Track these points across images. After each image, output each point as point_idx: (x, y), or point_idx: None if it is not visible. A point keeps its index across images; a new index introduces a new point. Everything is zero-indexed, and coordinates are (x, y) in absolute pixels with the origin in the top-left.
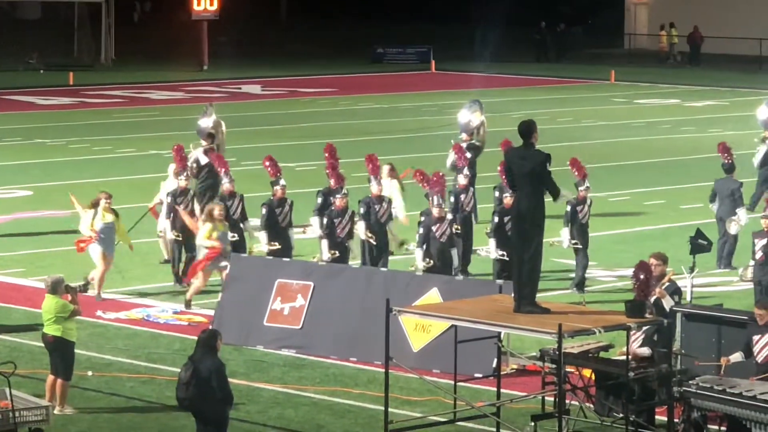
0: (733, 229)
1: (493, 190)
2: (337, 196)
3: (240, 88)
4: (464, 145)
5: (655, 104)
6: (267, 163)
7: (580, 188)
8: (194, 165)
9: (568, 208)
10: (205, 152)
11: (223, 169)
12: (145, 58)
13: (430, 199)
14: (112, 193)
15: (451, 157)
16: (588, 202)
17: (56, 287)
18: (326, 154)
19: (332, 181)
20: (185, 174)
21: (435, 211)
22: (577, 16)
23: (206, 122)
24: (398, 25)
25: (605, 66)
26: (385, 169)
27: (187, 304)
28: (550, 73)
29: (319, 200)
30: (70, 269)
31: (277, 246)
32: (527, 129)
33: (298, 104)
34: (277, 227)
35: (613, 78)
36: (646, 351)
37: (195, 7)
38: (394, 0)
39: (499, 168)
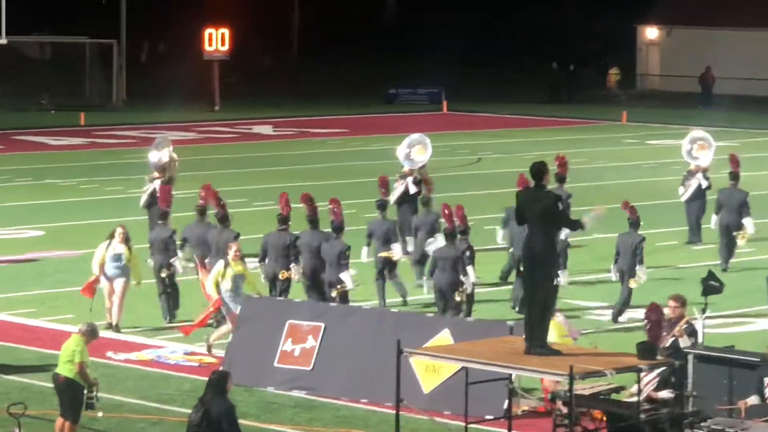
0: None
1: None
2: None
3: (251, 129)
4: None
5: (667, 145)
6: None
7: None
8: (149, 198)
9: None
10: (163, 185)
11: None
12: (157, 98)
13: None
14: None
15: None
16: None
17: (91, 334)
18: None
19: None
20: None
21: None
22: (588, 57)
23: (157, 155)
24: (411, 66)
25: (617, 107)
26: None
27: (209, 349)
28: (561, 113)
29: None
30: (81, 310)
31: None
32: (539, 170)
33: (309, 145)
34: None
35: (625, 119)
36: (666, 394)
37: (206, 47)
38: (408, 40)
39: None
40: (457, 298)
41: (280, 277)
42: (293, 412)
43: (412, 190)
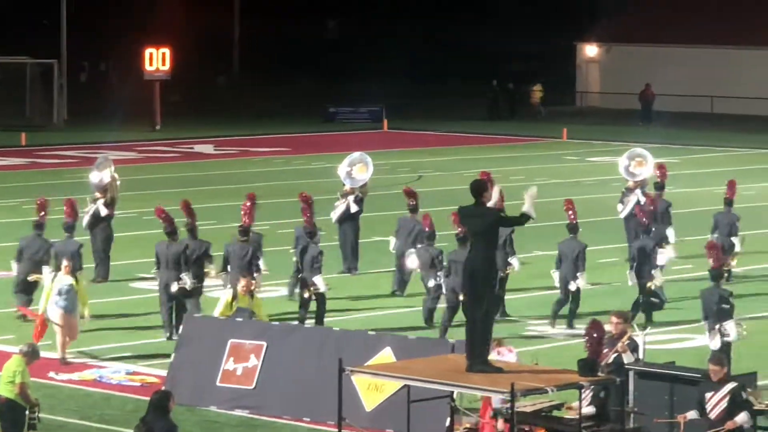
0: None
1: None
2: None
3: (192, 148)
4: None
5: (607, 162)
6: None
7: None
8: (91, 218)
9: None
10: (106, 205)
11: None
12: (98, 118)
13: None
14: None
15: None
16: None
17: (32, 355)
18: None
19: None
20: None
21: None
22: (528, 74)
23: (99, 176)
24: (350, 85)
25: (557, 124)
26: None
27: None
28: (502, 131)
29: None
30: (21, 331)
31: None
32: (478, 188)
33: (251, 164)
34: None
35: (565, 136)
36: (591, 410)
37: (147, 66)
38: (347, 60)
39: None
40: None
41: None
42: (235, 431)
43: (354, 208)
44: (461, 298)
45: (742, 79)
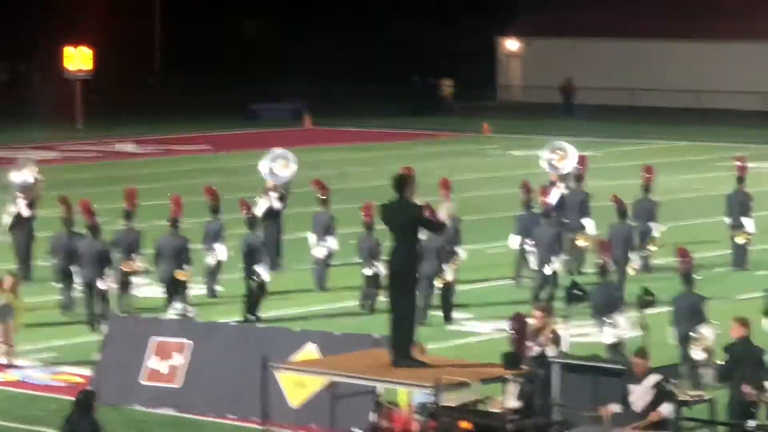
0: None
1: None
2: None
3: (114, 147)
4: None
5: (529, 155)
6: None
7: None
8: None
9: None
10: (28, 206)
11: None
12: (19, 118)
13: None
14: None
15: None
16: None
17: None
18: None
19: None
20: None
21: None
22: (449, 69)
23: (21, 176)
24: (271, 82)
25: (479, 118)
26: None
27: None
28: (423, 126)
29: None
30: None
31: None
32: (400, 183)
33: (173, 162)
34: None
35: (487, 130)
36: (515, 403)
37: (68, 66)
38: (268, 56)
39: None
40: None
41: (177, 277)
42: (161, 430)
43: (277, 205)
44: (437, 284)
45: (661, 71)
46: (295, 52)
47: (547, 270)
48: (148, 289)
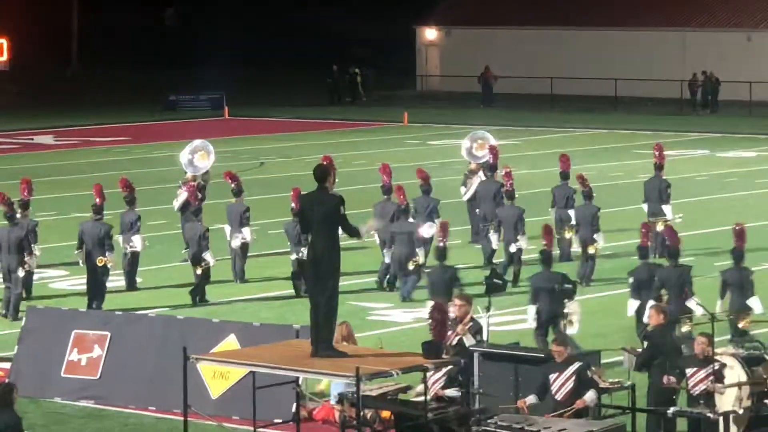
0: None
1: None
2: None
3: (32, 139)
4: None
5: (449, 145)
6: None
7: None
8: None
9: None
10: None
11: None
12: None
13: None
14: None
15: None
16: None
17: None
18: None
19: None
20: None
21: None
22: (369, 59)
23: None
24: (190, 72)
25: (398, 108)
26: None
27: None
28: (343, 116)
29: None
30: None
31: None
32: (322, 173)
33: (92, 153)
34: None
35: (407, 120)
36: (453, 392)
37: None
38: (188, 47)
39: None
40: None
41: (98, 263)
42: (81, 422)
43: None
44: (410, 266)
45: (579, 60)
46: (216, 41)
47: (512, 248)
48: (65, 282)
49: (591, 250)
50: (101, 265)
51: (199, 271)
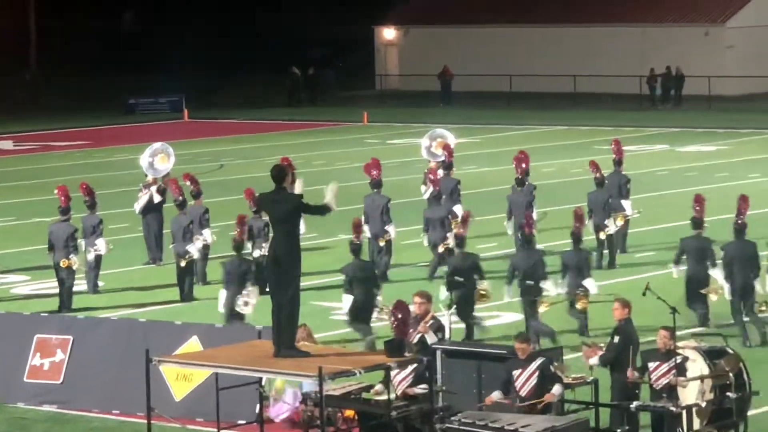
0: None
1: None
2: None
3: None
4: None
5: (409, 144)
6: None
7: None
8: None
9: None
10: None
11: None
12: None
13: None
14: None
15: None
16: None
17: None
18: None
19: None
20: None
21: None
22: (327, 59)
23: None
24: (149, 76)
25: (358, 108)
26: None
27: None
28: (302, 117)
29: None
30: None
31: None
32: (279, 173)
33: (52, 158)
34: None
35: (366, 119)
36: (421, 390)
37: None
38: (147, 50)
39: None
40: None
41: (62, 264)
42: (45, 427)
43: (157, 199)
44: (440, 249)
45: (537, 57)
46: (174, 44)
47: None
48: (27, 287)
49: (602, 236)
50: (65, 267)
51: (183, 264)
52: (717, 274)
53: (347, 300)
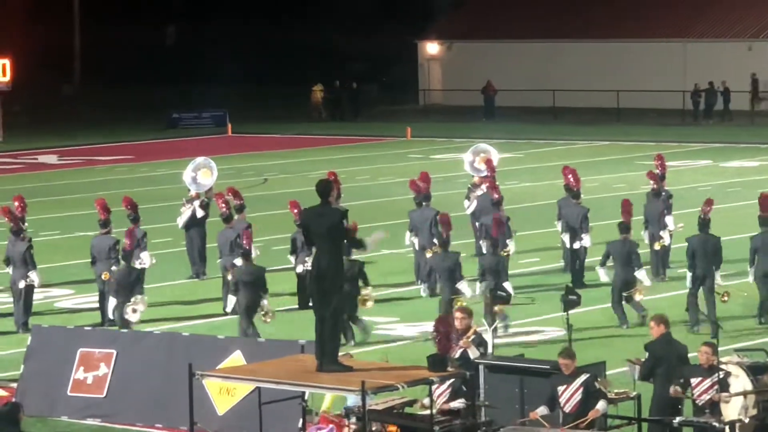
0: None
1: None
2: None
3: (36, 159)
4: None
5: (452, 159)
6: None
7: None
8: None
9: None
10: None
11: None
12: None
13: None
14: None
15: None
16: None
17: None
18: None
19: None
20: None
21: None
22: (370, 74)
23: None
24: (193, 89)
25: (401, 123)
26: None
27: None
28: (346, 132)
29: None
30: None
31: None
32: (324, 188)
33: (95, 172)
34: None
35: (410, 134)
36: (458, 404)
37: None
38: (190, 64)
39: None
40: None
41: (103, 277)
42: None
43: (200, 213)
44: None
45: (582, 72)
46: (218, 58)
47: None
48: (70, 301)
49: (656, 246)
50: (105, 280)
51: (230, 277)
52: (642, 276)
53: (231, 301)
